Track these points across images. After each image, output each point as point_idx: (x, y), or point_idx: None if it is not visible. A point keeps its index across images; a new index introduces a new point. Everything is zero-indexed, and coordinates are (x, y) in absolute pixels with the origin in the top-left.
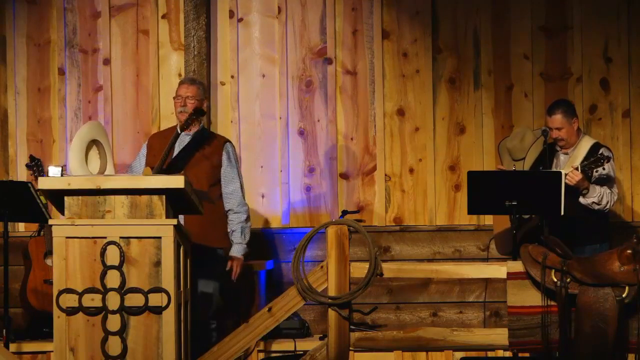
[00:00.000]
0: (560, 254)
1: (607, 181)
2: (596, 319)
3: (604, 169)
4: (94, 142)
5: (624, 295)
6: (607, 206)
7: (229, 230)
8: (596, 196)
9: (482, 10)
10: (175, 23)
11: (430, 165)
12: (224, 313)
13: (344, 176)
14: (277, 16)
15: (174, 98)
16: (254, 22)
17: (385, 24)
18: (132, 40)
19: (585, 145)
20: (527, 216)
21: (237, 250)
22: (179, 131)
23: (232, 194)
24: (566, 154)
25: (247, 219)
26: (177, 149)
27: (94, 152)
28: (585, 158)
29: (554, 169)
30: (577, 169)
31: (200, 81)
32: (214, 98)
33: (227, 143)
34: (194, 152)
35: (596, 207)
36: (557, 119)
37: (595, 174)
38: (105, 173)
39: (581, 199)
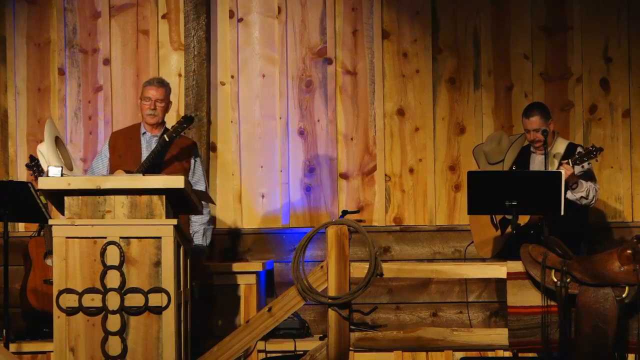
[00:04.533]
0: (560, 254)
1: (590, 176)
2: (596, 319)
3: (597, 160)
4: (55, 141)
5: (624, 295)
6: (593, 201)
7: (190, 231)
8: (584, 191)
9: (482, 10)
10: (175, 23)
11: (430, 165)
12: (203, 311)
13: (344, 176)
14: (277, 16)
15: (140, 99)
16: (254, 22)
17: (385, 24)
18: (132, 40)
19: (560, 145)
20: (510, 217)
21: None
22: (167, 138)
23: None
24: (542, 154)
25: (210, 221)
26: (146, 151)
27: (58, 150)
28: (564, 157)
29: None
30: (568, 162)
31: (167, 82)
32: (214, 98)
33: (195, 145)
34: (164, 154)
35: (584, 201)
36: (536, 120)
37: (576, 170)
38: (73, 170)
39: (569, 194)
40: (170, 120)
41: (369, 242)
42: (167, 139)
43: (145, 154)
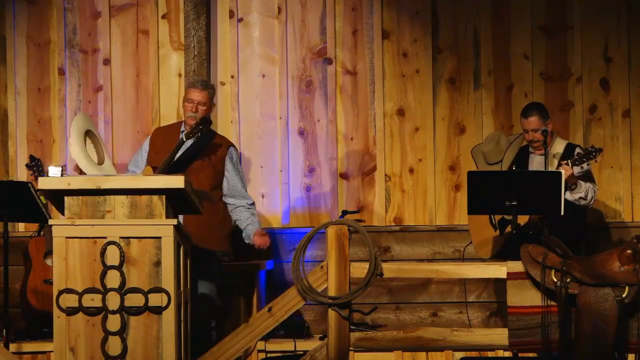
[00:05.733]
0: (560, 254)
1: (589, 177)
2: (596, 319)
3: (596, 161)
4: (86, 134)
5: (624, 295)
6: (592, 202)
7: (244, 223)
8: (583, 191)
9: (482, 10)
10: (175, 23)
11: (430, 165)
12: (222, 313)
13: (344, 176)
14: (277, 16)
15: (184, 100)
16: (254, 22)
17: (385, 24)
18: (132, 40)
19: (559, 146)
20: (509, 217)
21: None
22: (184, 139)
23: (234, 190)
24: (541, 155)
25: (254, 205)
26: (180, 150)
27: (89, 144)
28: (563, 157)
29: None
30: (567, 163)
31: (212, 84)
32: None
33: (231, 148)
34: (197, 155)
35: (583, 202)
36: (534, 120)
37: (575, 170)
38: (104, 163)
39: (568, 195)
40: None
41: (369, 242)
42: (184, 139)
43: (181, 152)
